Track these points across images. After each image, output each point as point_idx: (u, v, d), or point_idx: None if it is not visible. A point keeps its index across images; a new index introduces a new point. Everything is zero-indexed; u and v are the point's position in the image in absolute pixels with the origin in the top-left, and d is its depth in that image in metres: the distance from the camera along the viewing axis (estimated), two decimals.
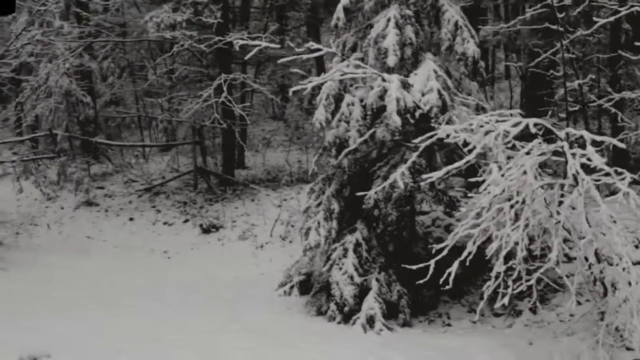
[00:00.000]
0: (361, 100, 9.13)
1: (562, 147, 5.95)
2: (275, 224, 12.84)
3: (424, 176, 7.08)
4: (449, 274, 6.70)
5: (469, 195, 9.28)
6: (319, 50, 8.37)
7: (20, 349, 7.25)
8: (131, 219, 14.78)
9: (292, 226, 12.89)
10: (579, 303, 7.46)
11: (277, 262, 11.59)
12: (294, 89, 8.30)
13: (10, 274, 11.05)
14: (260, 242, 12.50)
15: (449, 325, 8.93)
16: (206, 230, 13.40)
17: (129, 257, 12.41)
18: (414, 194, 9.31)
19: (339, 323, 8.82)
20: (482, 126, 6.07)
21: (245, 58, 11.56)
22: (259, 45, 8.23)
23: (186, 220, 14.20)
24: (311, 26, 19.81)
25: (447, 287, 6.70)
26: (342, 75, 8.20)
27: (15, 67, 17.37)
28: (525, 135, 6.91)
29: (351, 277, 8.88)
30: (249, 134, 19.41)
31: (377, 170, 9.22)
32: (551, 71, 11.12)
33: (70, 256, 12.30)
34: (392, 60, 8.72)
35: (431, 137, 7.02)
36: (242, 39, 12.48)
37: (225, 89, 12.83)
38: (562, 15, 8.40)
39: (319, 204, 9.41)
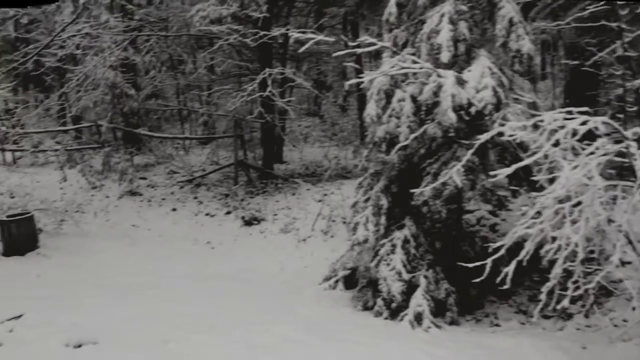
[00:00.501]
0: (412, 96, 9.10)
1: (628, 146, 5.84)
2: (317, 218, 12.85)
3: (492, 173, 7.00)
4: (505, 273, 6.63)
5: (520, 194, 9.27)
6: (373, 44, 8.37)
7: (67, 334, 7.43)
8: (174, 210, 14.93)
9: (333, 221, 12.91)
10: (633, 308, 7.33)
11: (320, 255, 11.61)
12: (351, 82, 8.34)
13: (58, 260, 11.28)
14: (303, 236, 12.53)
15: (497, 325, 8.86)
16: (248, 223, 13.48)
17: (174, 246, 12.54)
18: (463, 192, 9.25)
19: (385, 319, 8.81)
20: (546, 123, 5.99)
21: (300, 51, 11.53)
22: (315, 38, 8.25)
23: (228, 212, 14.30)
24: (350, 23, 19.78)
25: (502, 287, 6.63)
26: (399, 69, 8.15)
27: (61, 57, 17.72)
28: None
29: (399, 274, 8.86)
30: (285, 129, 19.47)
31: (426, 167, 9.17)
32: (602, 70, 10.96)
33: (117, 243, 12.48)
34: (445, 56, 8.66)
35: (490, 134, 6.96)
36: (287, 33, 12.64)
37: (270, 83, 12.84)
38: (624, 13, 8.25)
39: (367, 200, 9.41)
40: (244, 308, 8.71)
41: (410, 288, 8.88)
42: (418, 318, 8.57)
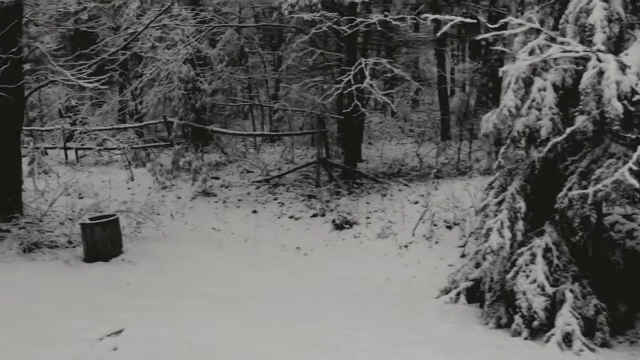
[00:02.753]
0: (553, 85, 7.99)
1: None
2: (419, 223, 11.78)
3: None
4: None
5: None
6: (521, 25, 7.28)
7: (184, 356, 6.55)
8: (254, 212, 14.03)
9: (435, 225, 11.82)
10: None
11: (427, 264, 10.56)
12: (506, 68, 7.24)
13: (144, 267, 10.43)
14: (403, 242, 11.47)
15: None
16: (339, 227, 12.48)
17: (262, 252, 11.61)
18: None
19: (526, 339, 7.69)
20: None
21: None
22: (454, 20, 7.19)
23: (315, 215, 13.32)
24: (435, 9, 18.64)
25: None
26: (558, 53, 7.02)
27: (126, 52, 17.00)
28: None
29: (542, 287, 7.74)
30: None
31: (569, 165, 8.05)
32: None
33: (202, 248, 11.60)
34: (599, 39, 7.45)
35: None
36: (387, 19, 11.60)
37: (368, 74, 11.79)
38: None
39: (500, 202, 8.31)
40: (363, 325, 7.69)
41: (555, 304, 7.76)
42: (567, 339, 7.44)
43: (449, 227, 11.77)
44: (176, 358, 6.46)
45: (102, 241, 10.55)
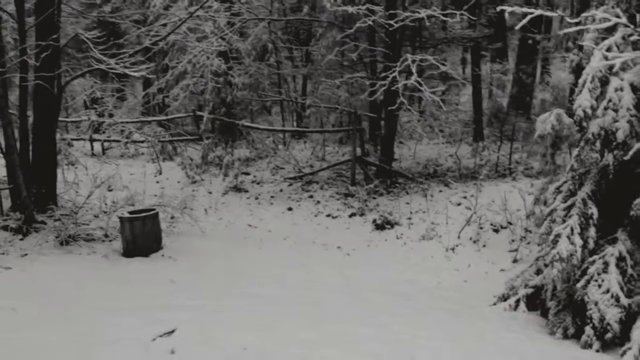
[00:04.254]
0: (631, 85, 7.60)
1: None
2: (465, 225, 11.39)
3: None
4: None
5: None
6: (605, 20, 6.90)
7: None
8: (289, 209, 13.68)
9: (481, 228, 11.43)
10: None
11: (478, 268, 10.20)
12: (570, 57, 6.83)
13: (185, 263, 10.08)
14: (449, 244, 11.09)
15: None
16: (380, 227, 12.10)
17: (304, 251, 11.24)
18: None
19: (597, 351, 7.30)
20: None
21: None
22: (533, 12, 6.79)
23: (353, 214, 12.95)
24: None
25: None
26: None
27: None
28: None
29: (616, 298, 7.34)
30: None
31: None
32: None
33: (240, 246, 11.24)
34: None
35: None
36: (434, 14, 11.19)
37: (414, 71, 11.39)
38: None
39: (568, 207, 7.92)
40: (427, 331, 7.32)
41: (629, 315, 7.37)
42: None
43: (496, 230, 11.39)
44: None
45: (142, 236, 10.20)
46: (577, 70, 17.98)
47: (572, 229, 7.66)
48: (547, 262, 8.18)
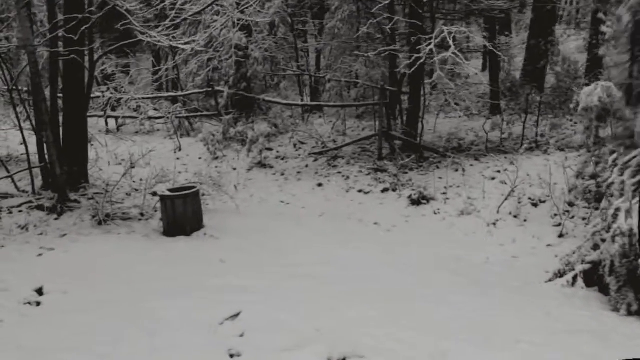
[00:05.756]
0: None
1: None
2: (505, 200, 11.25)
3: None
4: None
5: None
6: None
7: (322, 345, 6.10)
8: (319, 185, 13.50)
9: (520, 202, 11.31)
10: None
11: (523, 244, 10.07)
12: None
13: (228, 241, 9.90)
14: (489, 219, 10.95)
15: None
16: (416, 202, 11.95)
17: (343, 227, 11.07)
18: None
19: None
20: None
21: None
22: None
23: (385, 190, 12.79)
24: None
25: None
26: None
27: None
28: None
29: None
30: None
31: None
32: None
33: (278, 222, 11.05)
34: None
35: None
36: None
37: (452, 43, 11.16)
38: None
39: (638, 182, 7.77)
40: (498, 310, 7.23)
41: None
42: None
43: (535, 205, 11.27)
44: (316, 348, 5.97)
45: (183, 214, 10.02)
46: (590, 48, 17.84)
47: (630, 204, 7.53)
48: (604, 237, 8.07)
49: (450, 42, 11.29)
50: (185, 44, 9.59)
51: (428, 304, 7.20)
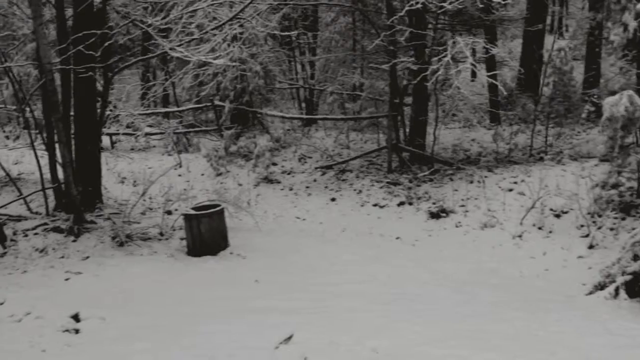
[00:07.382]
0: None
1: None
2: (529, 212, 11.19)
3: None
4: None
5: None
6: None
7: None
8: (333, 199, 13.32)
9: (542, 213, 11.26)
10: None
11: (553, 255, 9.99)
12: None
13: (255, 261, 9.67)
14: (515, 232, 10.86)
15: None
16: (435, 215, 11.83)
17: (367, 243, 10.89)
18: None
19: None
20: None
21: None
22: None
23: (401, 203, 12.65)
24: None
25: None
26: None
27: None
28: None
29: None
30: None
31: None
32: None
33: (304, 239, 10.84)
34: None
35: None
36: None
37: (469, 54, 11.12)
38: None
39: None
40: (556, 327, 7.10)
41: None
42: None
43: (557, 216, 11.23)
44: None
45: (209, 233, 9.76)
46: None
47: None
48: None
49: (467, 53, 11.25)
50: (215, 58, 9.34)
51: (485, 321, 7.06)
